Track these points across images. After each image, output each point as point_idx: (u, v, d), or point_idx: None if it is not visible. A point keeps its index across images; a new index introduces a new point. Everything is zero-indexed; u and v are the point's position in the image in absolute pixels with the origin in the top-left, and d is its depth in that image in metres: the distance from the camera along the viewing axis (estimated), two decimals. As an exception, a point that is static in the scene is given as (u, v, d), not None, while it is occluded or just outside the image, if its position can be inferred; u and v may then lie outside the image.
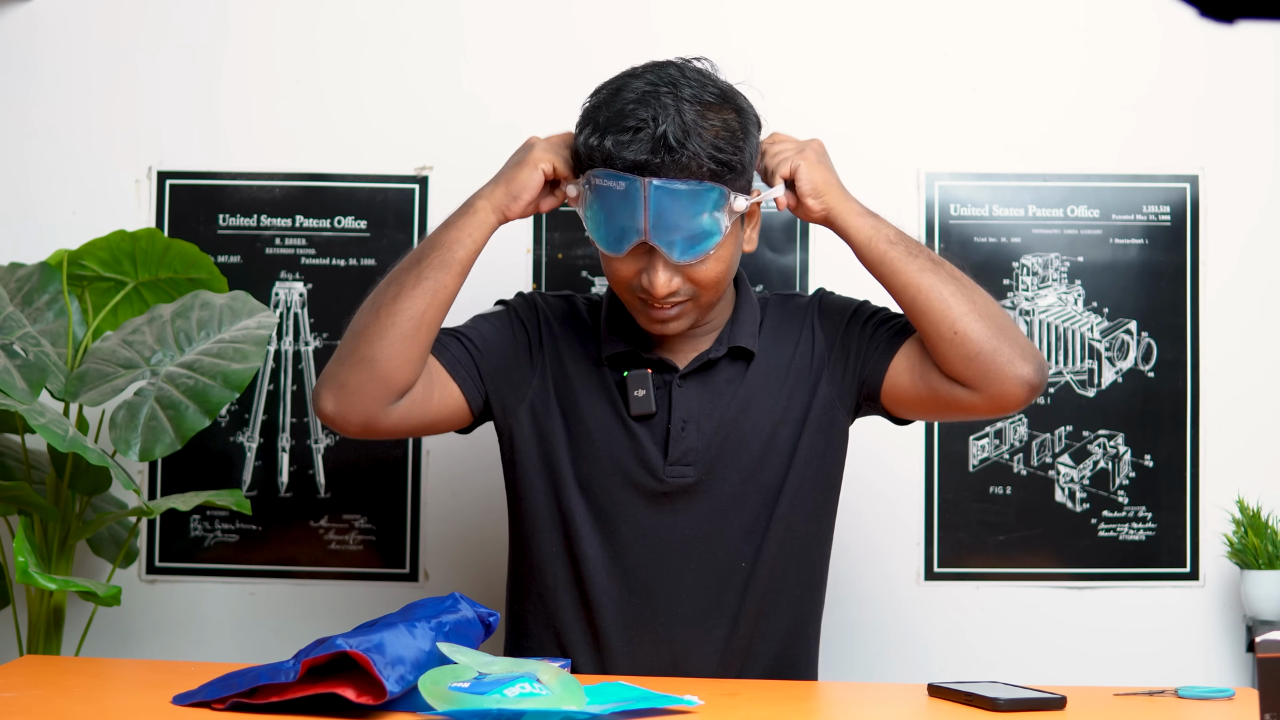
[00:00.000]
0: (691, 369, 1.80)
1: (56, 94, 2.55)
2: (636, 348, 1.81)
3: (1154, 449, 2.50)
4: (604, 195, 1.67)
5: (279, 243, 2.54)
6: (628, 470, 1.78)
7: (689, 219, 1.66)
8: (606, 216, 1.68)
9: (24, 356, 2.13)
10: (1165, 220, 2.52)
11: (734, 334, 1.82)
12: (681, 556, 1.79)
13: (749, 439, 1.79)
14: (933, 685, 1.61)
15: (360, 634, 1.45)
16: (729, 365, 1.82)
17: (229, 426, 2.52)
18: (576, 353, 1.84)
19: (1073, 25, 2.55)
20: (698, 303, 1.74)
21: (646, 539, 1.79)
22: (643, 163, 1.65)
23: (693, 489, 1.78)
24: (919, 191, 2.53)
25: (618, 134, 1.66)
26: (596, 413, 1.80)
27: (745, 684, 1.74)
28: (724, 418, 1.79)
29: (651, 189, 1.64)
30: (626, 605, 1.79)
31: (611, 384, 1.81)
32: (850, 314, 1.86)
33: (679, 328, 1.76)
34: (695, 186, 1.65)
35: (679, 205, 1.65)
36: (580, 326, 1.86)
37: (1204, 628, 2.50)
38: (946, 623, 2.50)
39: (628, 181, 1.65)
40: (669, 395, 1.79)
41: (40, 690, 1.56)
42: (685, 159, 1.64)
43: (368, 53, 2.56)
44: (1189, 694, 1.60)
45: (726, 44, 2.52)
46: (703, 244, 1.67)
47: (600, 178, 1.67)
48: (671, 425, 1.78)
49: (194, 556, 2.52)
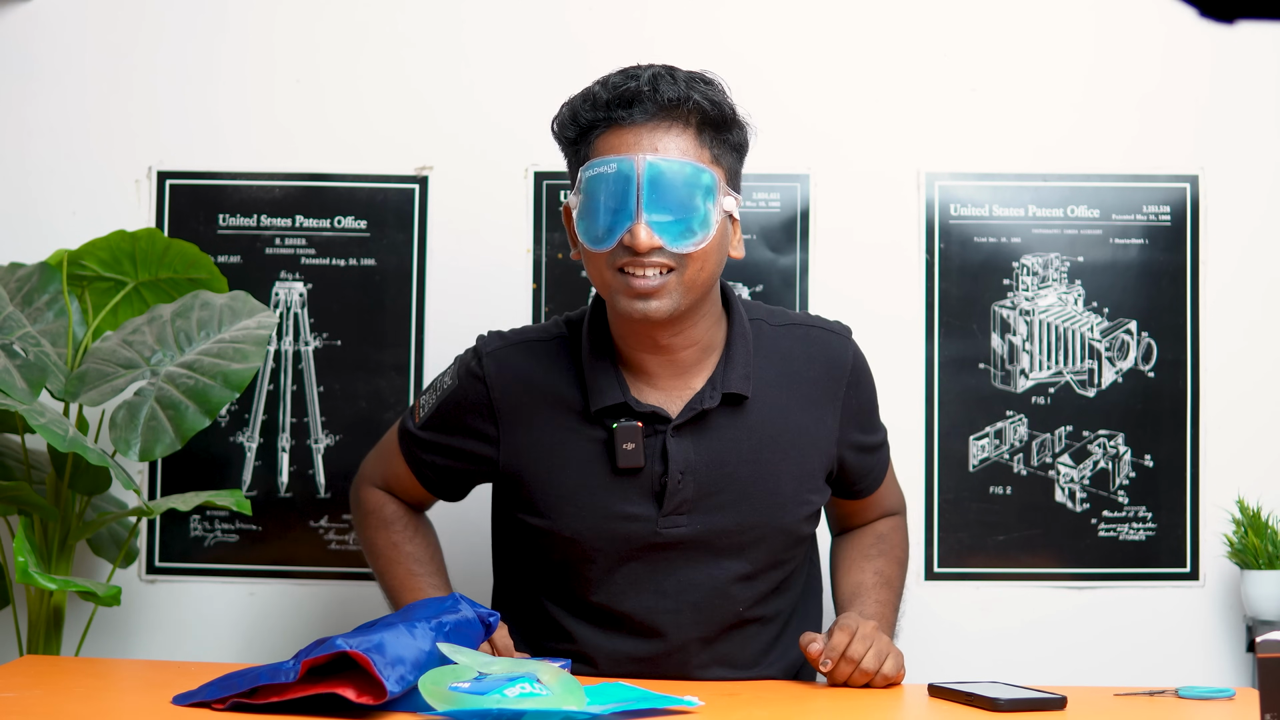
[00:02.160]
0: (684, 420, 1.74)
1: (56, 94, 2.55)
2: (626, 399, 1.74)
3: (1154, 449, 2.50)
4: (596, 184, 1.65)
5: (279, 243, 2.54)
6: (618, 525, 1.74)
7: (681, 199, 1.63)
8: (599, 205, 1.65)
9: (24, 356, 2.13)
10: (1165, 220, 2.52)
11: (728, 378, 1.75)
12: (676, 600, 1.77)
13: (747, 489, 1.76)
14: (933, 685, 1.61)
15: (360, 634, 1.45)
16: (723, 411, 1.76)
17: (229, 426, 2.52)
18: (555, 407, 1.77)
19: (1073, 25, 2.55)
20: (681, 277, 1.66)
21: (640, 587, 1.76)
22: (634, 93, 1.65)
23: (687, 539, 1.75)
24: (919, 191, 2.53)
25: (606, 85, 1.68)
26: (582, 468, 1.75)
27: (745, 684, 1.74)
28: (721, 468, 1.75)
29: (646, 165, 1.62)
30: (622, 647, 1.78)
31: (597, 438, 1.75)
32: (871, 443, 1.90)
33: (661, 308, 1.66)
34: (688, 166, 1.64)
35: (671, 182, 1.63)
36: (556, 375, 1.78)
37: (1204, 628, 2.49)
38: (946, 623, 2.50)
39: (619, 161, 1.64)
40: (662, 446, 1.73)
41: (40, 690, 1.56)
42: (676, 95, 1.65)
43: (367, 53, 2.56)
44: (1189, 694, 1.60)
45: (724, 45, 2.53)
46: (695, 233, 1.65)
47: (592, 168, 1.66)
48: (668, 478, 1.72)
49: (194, 556, 2.52)
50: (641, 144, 1.65)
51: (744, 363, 1.77)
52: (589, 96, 1.70)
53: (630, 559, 1.75)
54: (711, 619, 1.77)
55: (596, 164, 1.66)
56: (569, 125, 1.71)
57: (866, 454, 1.89)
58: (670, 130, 1.66)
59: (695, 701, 1.48)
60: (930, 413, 2.50)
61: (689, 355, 1.75)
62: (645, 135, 1.65)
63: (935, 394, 2.49)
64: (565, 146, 1.74)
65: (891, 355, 2.49)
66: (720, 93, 1.71)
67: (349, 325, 2.52)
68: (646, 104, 1.65)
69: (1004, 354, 2.51)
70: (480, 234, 2.53)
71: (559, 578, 1.80)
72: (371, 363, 2.51)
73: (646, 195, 1.63)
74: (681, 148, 1.66)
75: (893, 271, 2.52)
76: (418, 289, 2.52)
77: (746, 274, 2.50)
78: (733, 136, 1.71)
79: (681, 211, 1.64)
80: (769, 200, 2.51)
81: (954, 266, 2.51)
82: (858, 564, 1.91)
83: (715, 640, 1.78)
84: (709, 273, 1.69)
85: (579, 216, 1.68)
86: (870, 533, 1.96)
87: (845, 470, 1.87)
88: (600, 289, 1.72)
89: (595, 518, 1.74)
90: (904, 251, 2.52)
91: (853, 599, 1.85)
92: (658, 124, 1.66)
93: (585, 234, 1.67)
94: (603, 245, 1.65)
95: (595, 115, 1.68)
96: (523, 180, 2.52)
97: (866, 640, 1.66)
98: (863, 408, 1.87)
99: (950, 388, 2.50)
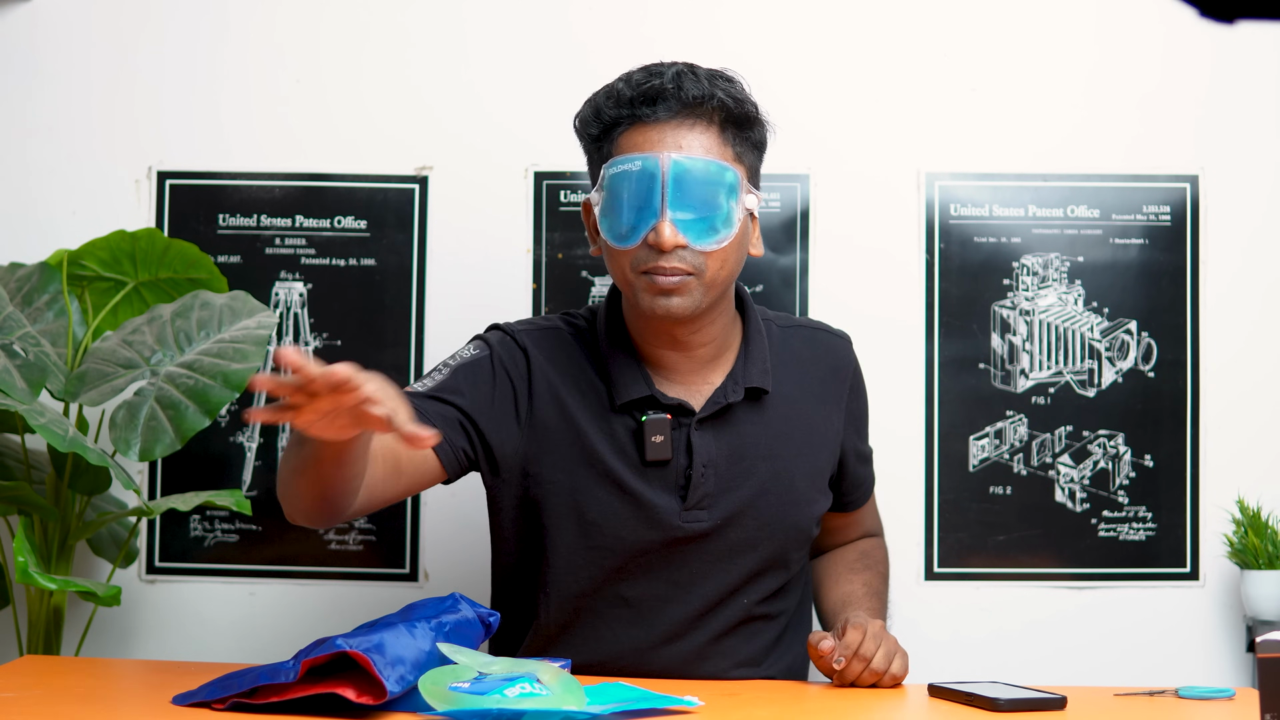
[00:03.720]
0: (709, 414, 1.75)
1: (57, 94, 2.55)
2: (652, 391, 1.74)
3: (1154, 449, 2.50)
4: (620, 181, 1.65)
5: (279, 243, 2.54)
6: (642, 516, 1.74)
7: (705, 197, 1.64)
8: (623, 203, 1.65)
9: (24, 356, 2.13)
10: (1165, 220, 2.52)
11: (748, 373, 1.77)
12: (688, 592, 1.77)
13: (767, 485, 1.77)
14: (933, 685, 1.61)
15: (360, 634, 1.45)
16: (746, 407, 1.78)
17: (229, 426, 2.52)
18: (582, 397, 1.76)
19: (1073, 25, 2.55)
20: (701, 279, 1.67)
21: (654, 577, 1.76)
22: (658, 90, 1.65)
23: (707, 534, 1.76)
24: (919, 191, 2.53)
25: (629, 83, 1.68)
26: (609, 460, 1.74)
27: (745, 684, 1.74)
28: (742, 463, 1.76)
29: (670, 163, 1.63)
30: (626, 634, 1.78)
31: (623, 429, 1.75)
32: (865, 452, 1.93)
33: (683, 305, 1.67)
34: (712, 164, 1.65)
35: (695, 180, 1.63)
36: (577, 364, 1.78)
37: (1204, 628, 2.49)
38: (946, 623, 2.50)
39: (644, 159, 1.64)
40: (687, 439, 1.74)
41: (40, 690, 1.56)
42: (701, 93, 1.65)
43: (368, 53, 2.56)
44: (1189, 694, 1.60)
45: (724, 45, 2.53)
46: (719, 231, 1.65)
47: (616, 165, 1.66)
48: (693, 470, 1.73)
49: (194, 556, 2.52)
50: (665, 141, 1.66)
51: (762, 358, 1.78)
52: (612, 93, 1.70)
53: (649, 551, 1.75)
54: (720, 614, 1.78)
55: (621, 161, 1.66)
56: (592, 122, 1.72)
57: (861, 463, 1.93)
58: (694, 128, 1.67)
59: (695, 701, 1.48)
60: (930, 413, 2.50)
61: (706, 352, 1.76)
62: (669, 133, 1.66)
63: (935, 394, 2.49)
64: (588, 143, 1.74)
65: (891, 356, 2.49)
66: (742, 90, 1.72)
67: (349, 325, 2.52)
68: (670, 101, 1.66)
69: (1004, 354, 2.51)
70: (480, 234, 2.53)
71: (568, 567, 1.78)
72: (371, 363, 2.49)
73: (671, 193, 1.63)
74: (705, 145, 1.66)
75: (893, 272, 2.52)
76: (418, 289, 2.52)
77: (746, 274, 2.49)
78: (754, 134, 1.72)
79: (705, 209, 1.65)
80: (769, 200, 2.51)
81: (954, 266, 2.51)
82: (845, 577, 1.92)
83: (723, 636, 1.78)
84: (729, 271, 1.70)
85: (602, 213, 1.68)
86: (854, 549, 1.99)
87: (844, 474, 1.89)
88: (621, 285, 1.72)
89: (619, 508, 1.74)
90: (904, 252, 2.52)
91: (842, 609, 1.85)
92: (681, 121, 1.66)
93: (609, 231, 1.67)
94: (627, 243, 1.66)
95: (619, 112, 1.68)
96: (523, 180, 2.52)
97: (877, 639, 1.67)
98: (861, 415, 1.91)
99: (950, 388, 2.50)
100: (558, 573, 1.78)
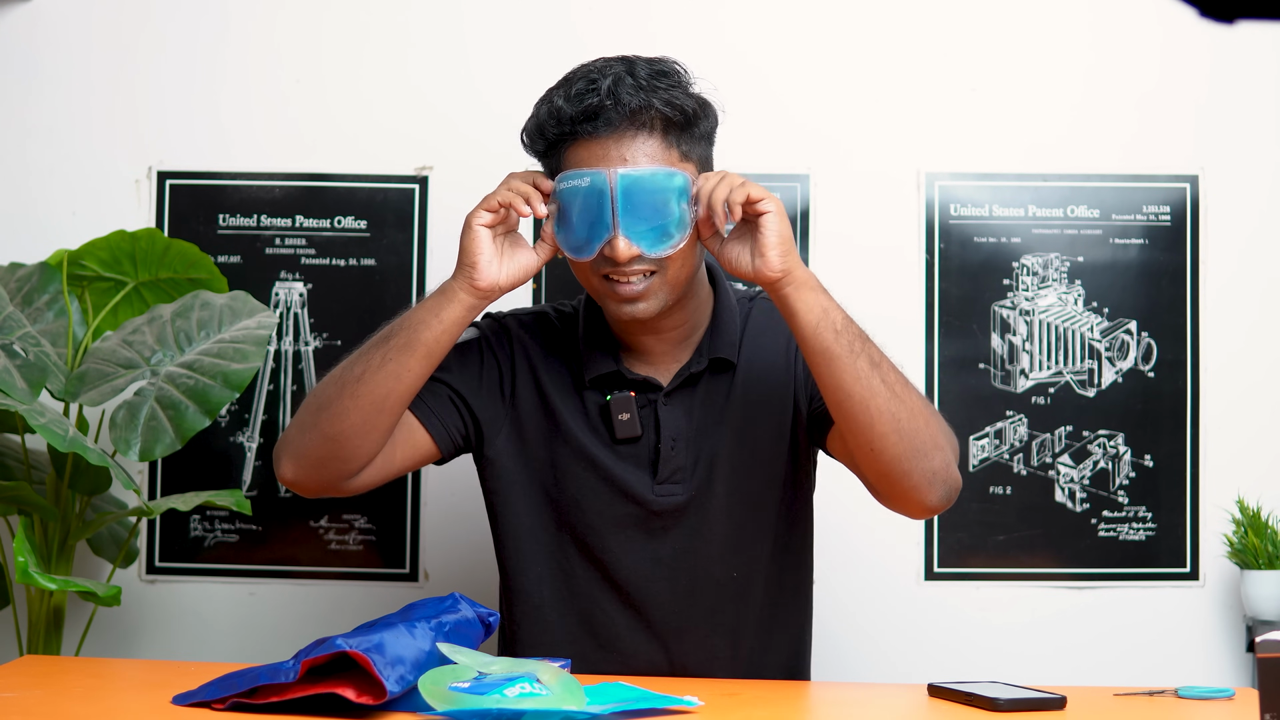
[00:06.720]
0: (674, 386, 1.77)
1: (57, 94, 2.56)
2: (619, 367, 1.77)
3: (1154, 449, 2.50)
4: (570, 198, 1.65)
5: (279, 243, 2.54)
6: (616, 493, 1.77)
7: (656, 205, 1.63)
8: (575, 218, 1.65)
9: (24, 356, 2.13)
10: (1165, 220, 2.52)
11: (714, 344, 1.78)
12: (672, 569, 1.78)
13: (736, 453, 1.78)
14: (933, 685, 1.61)
15: (360, 634, 1.45)
16: (712, 378, 1.79)
17: (229, 426, 2.52)
18: (557, 376, 1.80)
19: (1073, 25, 2.55)
20: (664, 278, 1.68)
21: (636, 555, 1.78)
22: (597, 107, 1.63)
23: (682, 507, 1.77)
24: (919, 191, 2.53)
25: (569, 98, 1.66)
26: (581, 437, 1.77)
27: (745, 684, 1.74)
28: (711, 434, 1.78)
29: (618, 178, 1.62)
30: (620, 618, 1.79)
31: (594, 407, 1.78)
32: None
33: (649, 309, 1.69)
34: (659, 173, 1.63)
35: (644, 190, 1.62)
36: (558, 347, 1.82)
37: (1204, 628, 2.49)
38: (946, 623, 2.50)
39: (592, 175, 1.63)
40: (655, 414, 1.77)
41: (40, 690, 1.56)
42: (639, 104, 1.63)
43: (368, 52, 2.56)
44: (1189, 694, 1.60)
45: (726, 44, 2.53)
46: (673, 236, 1.64)
47: (565, 180, 1.66)
48: (661, 445, 1.76)
49: (194, 556, 2.52)
50: (610, 156, 1.65)
51: (731, 331, 1.80)
52: (554, 112, 1.68)
53: (627, 526, 1.77)
54: (705, 588, 1.78)
55: (570, 176, 1.66)
56: (537, 139, 1.72)
57: None
58: (637, 138, 1.65)
59: (695, 701, 1.48)
60: (930, 413, 2.49)
61: (678, 333, 1.79)
62: (613, 147, 1.65)
63: (935, 394, 2.49)
64: (536, 157, 1.74)
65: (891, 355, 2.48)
66: (682, 89, 1.69)
67: (349, 325, 2.52)
68: (610, 114, 1.64)
69: (1004, 354, 2.51)
70: (480, 234, 2.52)
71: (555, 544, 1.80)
72: (371, 363, 2.51)
73: (621, 207, 1.63)
74: (650, 154, 1.65)
75: (893, 272, 2.52)
76: (418, 289, 2.52)
77: (746, 274, 2.50)
78: (700, 128, 1.71)
79: (657, 218, 1.64)
80: (769, 200, 2.51)
81: (954, 266, 2.51)
82: None
83: (713, 612, 1.78)
84: (691, 265, 1.72)
85: (557, 225, 1.68)
86: None
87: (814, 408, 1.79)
88: (587, 289, 1.76)
89: (595, 484, 1.77)
90: (904, 252, 2.52)
91: None
92: (624, 134, 1.65)
93: (565, 244, 1.68)
94: (583, 255, 1.67)
95: (562, 130, 1.67)
96: (523, 180, 2.52)
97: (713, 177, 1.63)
98: None
99: (950, 388, 2.50)
100: (543, 551, 1.80)
